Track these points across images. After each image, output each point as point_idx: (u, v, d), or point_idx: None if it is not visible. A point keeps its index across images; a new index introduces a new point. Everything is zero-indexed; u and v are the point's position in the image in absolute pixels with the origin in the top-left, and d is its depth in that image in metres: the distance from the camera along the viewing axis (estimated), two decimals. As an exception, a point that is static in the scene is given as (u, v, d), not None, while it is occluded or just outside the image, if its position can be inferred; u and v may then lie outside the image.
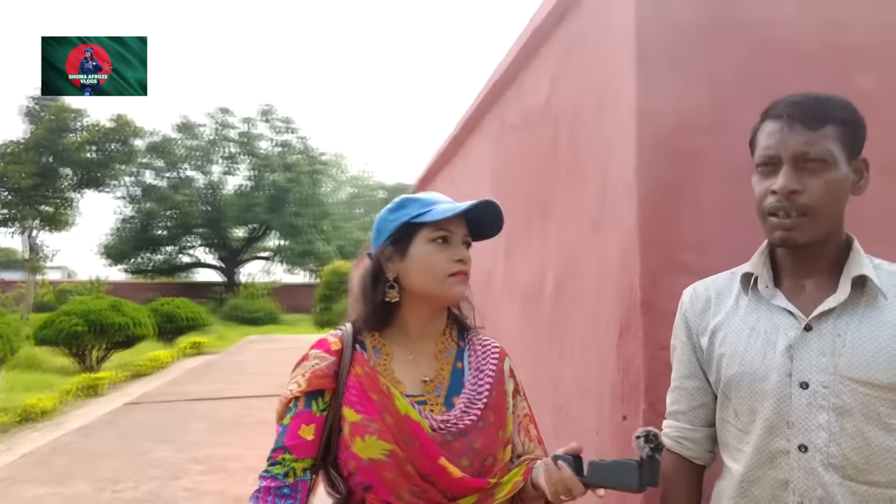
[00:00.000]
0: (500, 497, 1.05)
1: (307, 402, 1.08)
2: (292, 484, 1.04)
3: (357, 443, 1.02)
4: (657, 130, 1.34)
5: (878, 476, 0.86)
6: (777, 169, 0.93)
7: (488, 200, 1.11)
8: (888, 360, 0.86)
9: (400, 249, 1.11)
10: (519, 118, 2.21)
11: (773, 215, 0.94)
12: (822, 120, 0.90)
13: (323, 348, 1.12)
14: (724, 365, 0.99)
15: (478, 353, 1.18)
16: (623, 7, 1.40)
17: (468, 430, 1.06)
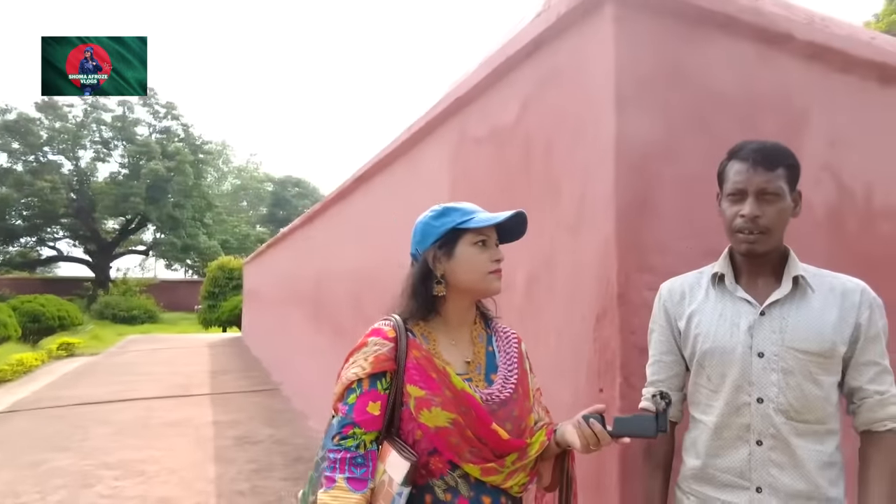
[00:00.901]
0: (531, 454, 1.30)
1: (372, 383, 1.25)
2: (364, 454, 1.21)
3: (424, 414, 1.22)
4: (630, 157, 1.68)
5: (810, 416, 1.25)
6: (744, 199, 1.29)
7: (520, 212, 1.36)
8: (816, 335, 1.24)
9: (446, 251, 1.33)
10: (484, 132, 2.47)
11: (740, 232, 1.30)
12: (776, 164, 1.27)
13: (381, 336, 1.31)
14: (700, 342, 1.34)
15: (502, 338, 1.44)
16: (603, 54, 1.72)
17: (508, 401, 1.30)
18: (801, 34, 1.96)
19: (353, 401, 1.25)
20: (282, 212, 44.14)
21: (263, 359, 10.67)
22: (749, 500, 1.26)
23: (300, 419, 6.27)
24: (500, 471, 1.24)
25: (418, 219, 1.42)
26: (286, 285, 8.38)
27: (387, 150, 3.84)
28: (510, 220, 1.35)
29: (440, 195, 2.92)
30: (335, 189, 5.60)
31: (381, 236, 4.12)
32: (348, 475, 1.19)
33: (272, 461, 4.81)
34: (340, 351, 5.17)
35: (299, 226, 7.55)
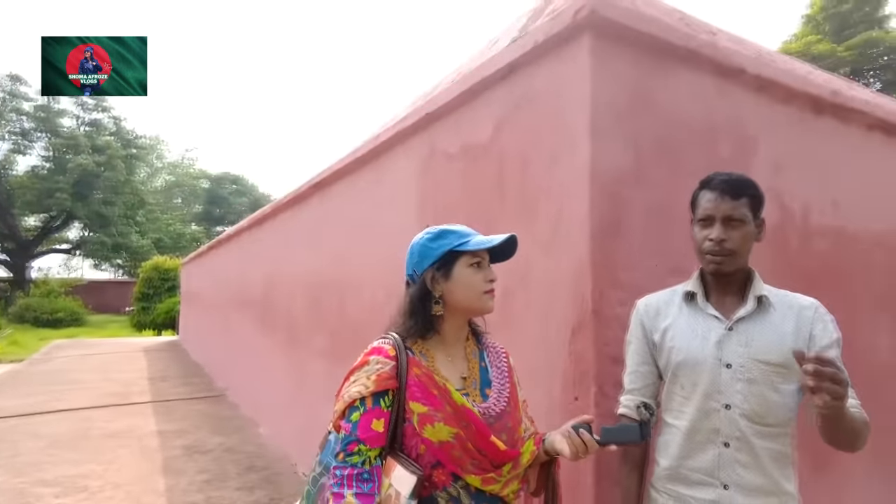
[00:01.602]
0: (523, 462, 1.39)
1: (375, 401, 1.30)
2: (370, 470, 1.26)
3: (427, 429, 1.28)
4: (603, 181, 1.80)
5: (771, 420, 1.40)
6: (712, 224, 1.43)
7: (513, 235, 1.44)
8: (777, 348, 1.39)
9: (444, 272, 1.39)
10: (456, 149, 2.55)
11: (709, 254, 1.44)
12: (741, 194, 1.41)
13: (382, 354, 1.35)
14: (674, 354, 1.47)
15: (493, 354, 1.52)
16: (579, 82, 1.83)
17: (502, 414, 1.38)
18: (751, 68, 2.14)
19: (357, 418, 1.29)
20: (218, 210, 42.67)
21: (205, 364, 10.34)
22: (717, 496, 1.40)
23: (250, 426, 6.15)
24: (498, 480, 1.32)
25: (414, 240, 1.47)
26: (233, 288, 8.17)
27: (348, 158, 3.85)
28: (503, 242, 1.43)
29: (408, 207, 2.97)
30: (288, 193, 5.53)
31: (339, 243, 4.12)
32: (356, 490, 1.23)
33: (225, 470, 4.70)
34: (295, 357, 5.17)
35: (247, 228, 7.38)
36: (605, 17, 1.79)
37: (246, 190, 45.10)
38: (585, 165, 1.79)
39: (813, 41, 20.05)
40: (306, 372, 4.75)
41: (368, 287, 3.52)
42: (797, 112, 2.40)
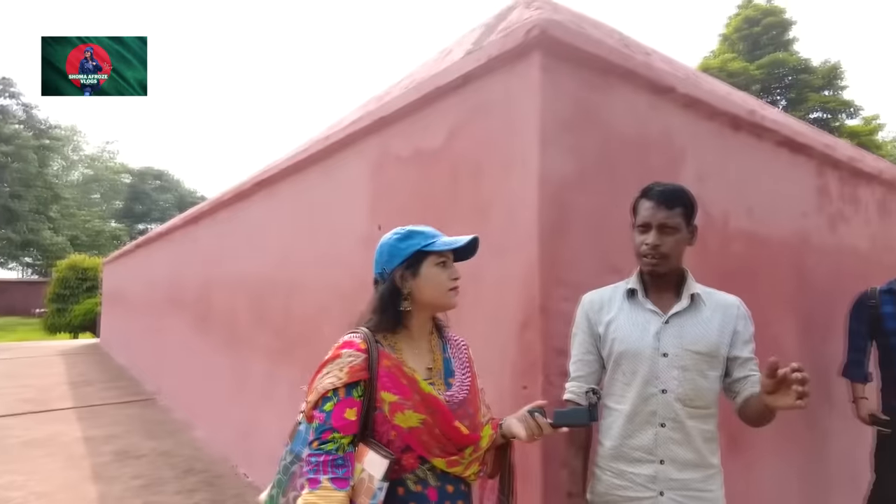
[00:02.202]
0: (483, 445, 1.51)
1: (348, 391, 1.38)
2: (344, 456, 1.34)
3: (398, 416, 1.38)
4: (550, 189, 1.96)
5: (700, 402, 1.60)
6: (649, 230, 1.61)
7: (476, 237, 1.57)
8: (706, 339, 1.59)
9: (412, 271, 1.50)
10: (409, 153, 2.65)
11: (645, 256, 1.62)
12: (675, 204, 1.60)
13: (354, 348, 1.43)
14: (616, 344, 1.65)
15: (454, 346, 1.63)
16: (530, 96, 1.99)
17: (465, 401, 1.50)
18: (680, 87, 2.37)
19: (331, 408, 1.36)
20: (140, 206, 40.60)
21: (132, 367, 9.90)
22: (654, 471, 1.58)
23: (185, 430, 5.98)
24: (461, 462, 1.44)
25: (383, 240, 1.56)
26: (165, 288, 7.89)
27: (296, 157, 3.86)
28: (467, 243, 1.55)
29: (360, 207, 3.05)
30: (228, 190, 5.44)
31: (285, 243, 4.13)
32: (331, 475, 1.30)
33: (161, 475, 4.58)
34: (235, 358, 5.12)
35: (181, 225, 7.16)
36: (554, 36, 1.95)
37: (171, 186, 43.17)
38: (535, 173, 1.95)
39: (729, 59, 21.52)
40: (248, 372, 4.70)
41: (315, 287, 3.56)
42: (718, 128, 2.67)
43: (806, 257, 3.29)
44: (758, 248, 2.88)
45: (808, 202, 3.38)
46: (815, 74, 21.35)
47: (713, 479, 1.61)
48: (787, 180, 3.18)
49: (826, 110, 21.11)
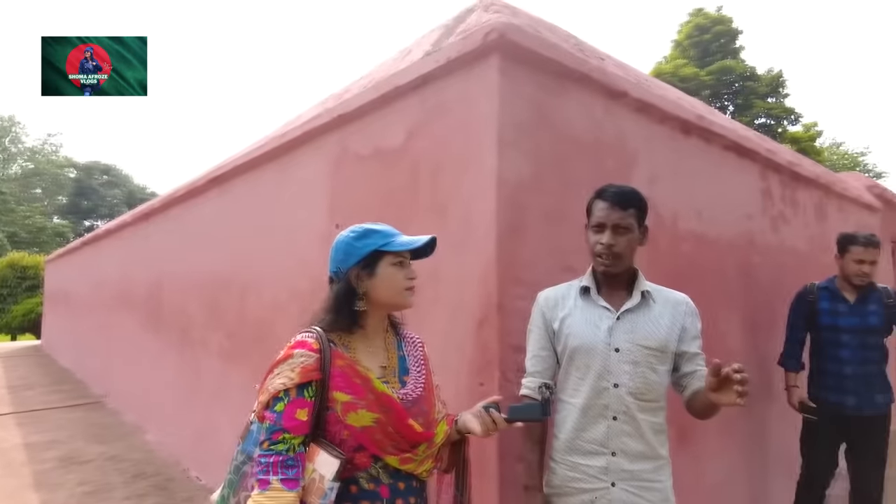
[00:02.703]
0: (437, 442, 1.52)
1: (299, 392, 1.36)
2: (294, 456, 1.33)
3: (351, 416, 1.38)
4: (507, 189, 2.00)
5: (650, 396, 1.66)
6: (603, 230, 1.67)
7: (434, 237, 1.58)
8: (655, 335, 1.65)
9: (369, 271, 1.49)
10: (369, 151, 2.65)
11: (599, 256, 1.67)
12: (629, 205, 1.66)
13: (306, 348, 1.41)
14: (571, 340, 1.69)
15: (410, 344, 1.64)
16: (488, 98, 2.02)
17: (419, 399, 1.51)
18: (633, 91, 2.45)
19: (282, 409, 1.35)
20: (87, 202, 38.99)
21: (77, 370, 9.51)
22: (607, 462, 1.64)
23: (135, 433, 5.80)
24: (414, 459, 1.45)
25: (338, 238, 1.54)
26: (114, 287, 7.61)
27: (251, 153, 3.80)
28: (425, 244, 1.56)
29: (318, 205, 3.02)
30: (181, 186, 5.29)
31: (240, 240, 4.05)
32: (281, 476, 1.29)
33: (109, 481, 4.43)
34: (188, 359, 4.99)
35: (132, 223, 6.93)
36: (512, 40, 1.98)
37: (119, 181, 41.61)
38: (492, 173, 1.98)
39: (681, 64, 22.21)
40: (201, 374, 4.59)
41: (270, 286, 3.51)
42: (669, 132, 2.77)
43: (751, 257, 3.45)
44: (706, 248, 3.00)
45: (753, 204, 3.54)
46: (761, 82, 22.28)
47: (662, 470, 1.68)
48: (733, 183, 3.33)
49: (770, 116, 22.06)
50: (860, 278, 2.95)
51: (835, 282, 3.10)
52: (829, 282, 3.13)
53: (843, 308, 3.00)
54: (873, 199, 5.82)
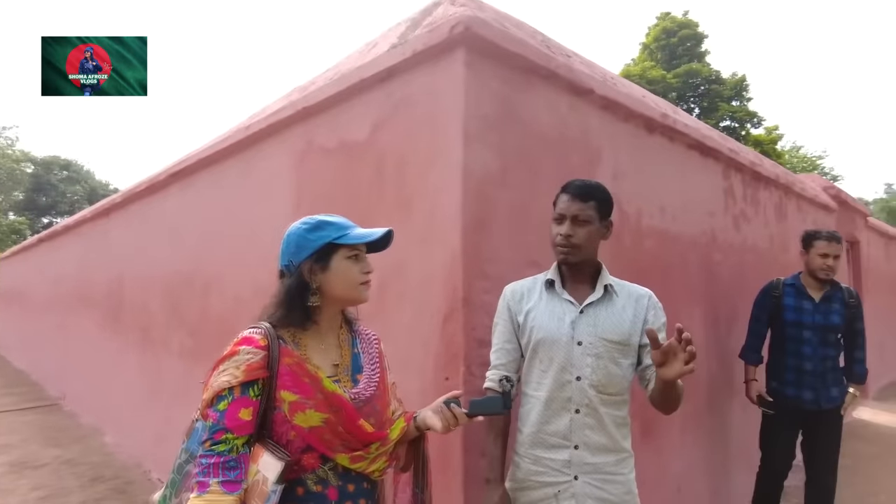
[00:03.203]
0: (392, 438, 1.48)
1: (244, 390, 1.31)
2: (236, 458, 1.27)
3: (299, 416, 1.33)
4: (472, 183, 1.99)
5: (613, 389, 1.66)
6: (564, 222, 1.67)
7: (390, 230, 1.55)
8: (618, 329, 1.66)
9: (322, 265, 1.43)
10: (334, 144, 2.61)
11: (558, 246, 1.68)
12: (589, 198, 1.67)
13: (253, 344, 1.35)
14: (535, 332, 1.69)
15: (364, 340, 1.60)
16: (453, 92, 2.00)
17: (371, 398, 1.46)
18: (598, 89, 2.47)
19: (225, 407, 1.29)
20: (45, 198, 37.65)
21: (33, 371, 9.19)
22: (569, 456, 1.64)
23: (93, 436, 5.62)
24: (365, 457, 1.41)
25: (290, 229, 1.48)
26: (72, 286, 7.36)
27: (214, 147, 3.71)
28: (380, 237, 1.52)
29: (283, 199, 2.97)
30: (141, 182, 5.14)
31: (203, 236, 3.96)
32: (222, 479, 1.23)
33: (64, 485, 4.28)
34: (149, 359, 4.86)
35: (90, 219, 6.71)
36: (478, 34, 1.97)
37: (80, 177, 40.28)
38: (458, 167, 1.97)
39: (648, 67, 22.61)
40: (162, 373, 4.47)
41: (234, 282, 3.44)
42: (634, 129, 2.80)
43: (713, 254, 3.52)
44: (669, 245, 3.04)
45: (716, 202, 3.61)
46: (725, 85, 22.83)
47: (625, 463, 1.69)
48: (696, 181, 3.39)
49: (734, 119, 22.61)
50: (825, 272, 3.02)
51: (800, 278, 3.17)
52: (794, 278, 3.20)
53: (807, 306, 3.07)
54: (829, 199, 6.02)
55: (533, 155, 2.21)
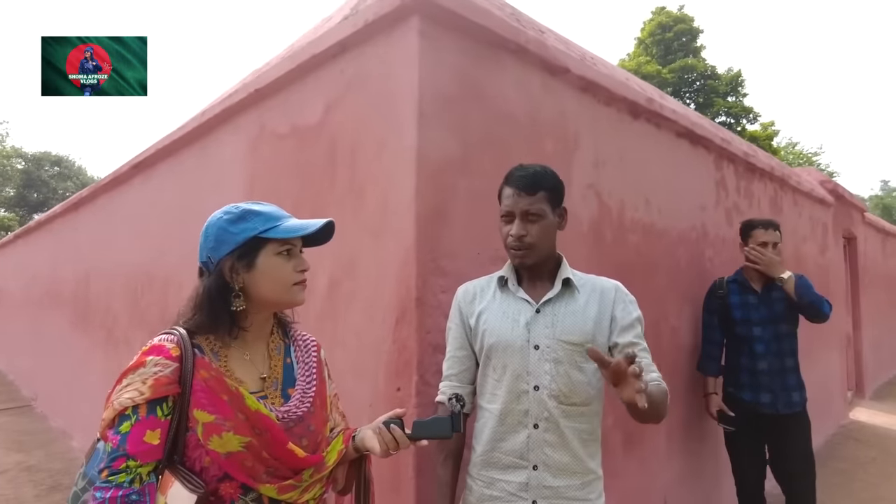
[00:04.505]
0: (329, 464, 1.26)
1: (150, 409, 1.09)
2: (140, 489, 1.06)
3: (214, 440, 1.11)
4: (428, 169, 1.76)
5: (577, 399, 1.44)
6: (512, 219, 1.46)
7: (331, 221, 1.32)
8: (580, 328, 1.44)
9: (247, 262, 1.21)
10: (287, 129, 2.38)
11: (512, 248, 1.47)
12: (537, 188, 1.44)
13: (163, 355, 1.13)
14: (487, 336, 1.48)
15: (301, 348, 1.37)
16: (408, 66, 1.78)
17: (305, 417, 1.25)
18: (575, 68, 2.25)
19: (128, 429, 1.08)
20: (36, 194, 37.31)
21: (9, 371, 8.94)
22: (527, 478, 1.42)
23: (60, 440, 5.39)
24: (297, 486, 1.20)
25: (210, 220, 1.26)
26: (44, 283, 7.11)
27: (173, 135, 3.48)
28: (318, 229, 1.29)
29: (236, 189, 2.74)
30: (108, 174, 4.90)
31: (162, 230, 3.73)
32: None
33: (20, 494, 4.05)
34: (114, 359, 4.57)
35: (61, 214, 6.46)
36: (434, 1, 1.75)
37: (72, 173, 39.92)
38: (412, 149, 1.74)
39: (644, 62, 22.40)
40: (126, 375, 4.24)
41: (191, 280, 3.19)
42: (616, 114, 2.57)
43: (704, 250, 3.30)
44: (655, 240, 2.83)
45: (707, 195, 3.39)
46: (721, 81, 22.63)
47: (591, 486, 1.47)
48: (685, 172, 3.17)
49: (730, 115, 22.42)
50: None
51: (742, 273, 2.95)
52: (736, 274, 2.98)
53: (752, 300, 2.85)
54: (826, 193, 5.81)
55: (500, 139, 1.99)
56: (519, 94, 2.08)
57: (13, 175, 37.94)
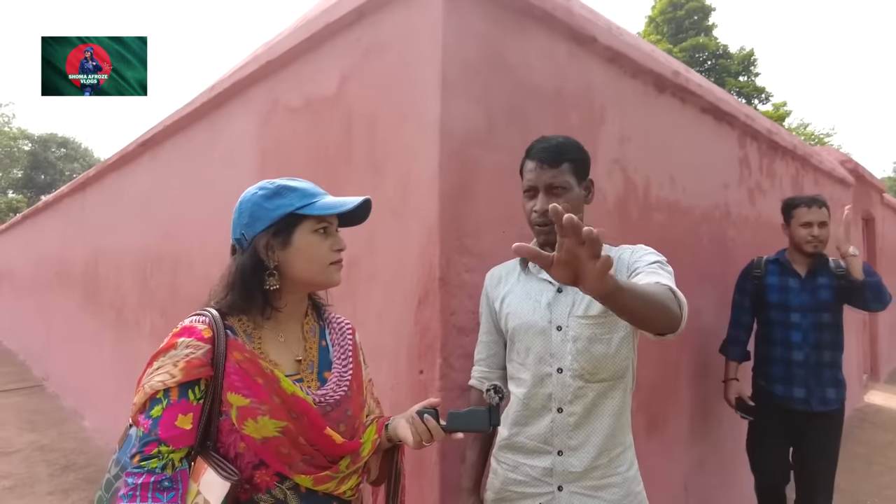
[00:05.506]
0: (364, 455, 1.21)
1: (182, 392, 1.05)
2: (172, 476, 1.02)
3: (249, 424, 1.06)
4: (452, 144, 1.68)
5: (604, 374, 1.36)
6: (536, 194, 1.38)
7: (368, 199, 1.24)
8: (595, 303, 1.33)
9: (282, 239, 1.14)
10: (300, 103, 2.29)
11: (537, 225, 1.39)
12: (560, 160, 1.36)
13: (195, 336, 1.09)
14: (511, 319, 1.42)
15: (336, 330, 1.31)
16: (430, 33, 1.68)
17: (342, 401, 1.19)
18: (602, 38, 2.14)
19: (159, 413, 1.04)
20: (43, 176, 37.42)
21: (20, 351, 8.98)
22: (552, 463, 1.36)
23: (72, 419, 5.41)
24: (334, 477, 1.14)
25: (244, 195, 1.19)
26: (54, 263, 7.10)
27: (181, 112, 3.39)
28: (356, 207, 1.21)
29: (247, 166, 2.66)
30: (116, 153, 4.83)
31: (171, 209, 3.66)
32: (152, 503, 0.98)
33: (34, 473, 4.06)
34: (123, 338, 4.54)
35: (68, 194, 6.42)
36: (458, -38, 1.65)
37: (78, 154, 39.98)
38: (435, 123, 1.65)
39: (654, 41, 22.00)
40: (137, 356, 4.21)
41: (201, 260, 3.15)
42: (642, 87, 2.47)
43: (726, 230, 3.20)
44: (679, 218, 2.73)
45: (730, 173, 3.29)
46: (733, 60, 22.24)
47: (621, 458, 1.39)
48: (709, 149, 3.06)
49: (742, 95, 22.06)
50: (812, 244, 2.56)
51: (785, 254, 2.72)
52: (779, 254, 2.76)
53: (793, 283, 2.61)
54: (846, 173, 5.68)
55: (525, 110, 1.89)
56: (545, 63, 1.98)
57: (20, 156, 38.01)
